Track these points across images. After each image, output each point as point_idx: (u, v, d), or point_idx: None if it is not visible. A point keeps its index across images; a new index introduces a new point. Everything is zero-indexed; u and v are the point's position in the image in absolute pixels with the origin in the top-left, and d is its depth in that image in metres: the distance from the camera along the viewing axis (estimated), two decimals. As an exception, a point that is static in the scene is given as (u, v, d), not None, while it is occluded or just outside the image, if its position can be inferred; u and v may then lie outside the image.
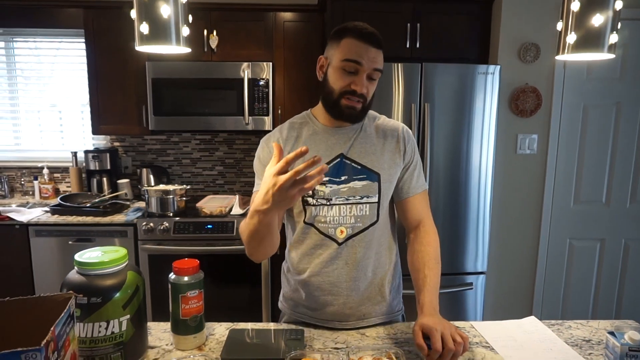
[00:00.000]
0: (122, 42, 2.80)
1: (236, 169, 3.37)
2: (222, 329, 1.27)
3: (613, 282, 2.99)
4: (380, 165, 1.29)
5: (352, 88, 1.21)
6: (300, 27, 2.88)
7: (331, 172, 1.27)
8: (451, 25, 2.72)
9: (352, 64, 1.19)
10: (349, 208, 1.27)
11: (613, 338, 1.05)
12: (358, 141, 1.30)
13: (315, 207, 1.26)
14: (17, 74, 3.27)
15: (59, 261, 2.67)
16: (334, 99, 1.24)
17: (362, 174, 1.28)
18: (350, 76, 1.21)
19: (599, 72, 2.76)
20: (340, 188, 1.27)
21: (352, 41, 1.20)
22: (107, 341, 1.02)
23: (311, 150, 1.25)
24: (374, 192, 1.28)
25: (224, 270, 2.69)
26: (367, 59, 1.19)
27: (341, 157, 1.28)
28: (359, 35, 1.20)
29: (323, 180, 1.25)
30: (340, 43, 1.21)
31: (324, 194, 1.26)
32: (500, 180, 2.80)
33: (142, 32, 1.12)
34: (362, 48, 1.19)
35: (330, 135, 1.30)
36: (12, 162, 3.29)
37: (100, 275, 1.03)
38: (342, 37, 1.22)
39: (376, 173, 1.28)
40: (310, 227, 1.29)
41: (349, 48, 1.20)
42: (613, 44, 1.10)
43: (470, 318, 2.70)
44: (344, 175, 1.27)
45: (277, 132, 1.33)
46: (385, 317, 1.36)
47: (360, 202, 1.27)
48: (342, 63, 1.20)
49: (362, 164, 1.28)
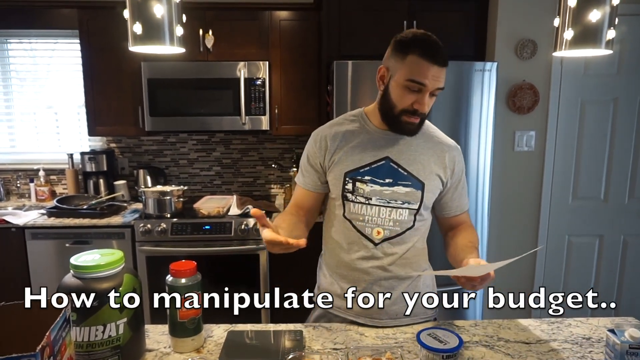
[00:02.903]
0: (117, 42, 2.78)
1: (233, 169, 3.36)
2: (220, 331, 1.26)
3: (612, 278, 3.00)
4: (425, 175, 1.30)
5: (414, 108, 1.21)
6: (297, 25, 2.87)
7: (374, 172, 1.28)
8: (447, 22, 2.72)
9: (416, 84, 1.18)
10: (389, 211, 1.28)
11: (613, 336, 1.04)
12: (406, 147, 1.31)
13: (354, 203, 1.29)
14: (12, 76, 3.25)
15: (56, 264, 2.66)
16: (394, 114, 1.24)
17: (407, 180, 1.29)
18: (413, 94, 1.20)
19: (596, 68, 2.76)
20: (383, 190, 1.28)
21: (419, 60, 1.17)
22: (104, 345, 1.01)
23: (359, 148, 1.30)
24: (416, 200, 1.29)
25: (222, 271, 2.68)
26: (431, 78, 1.17)
27: (387, 160, 1.29)
28: (426, 53, 1.16)
29: (365, 178, 1.28)
30: (406, 60, 1.18)
31: (363, 192, 1.28)
32: (499, 178, 2.80)
33: (136, 32, 1.11)
34: (428, 68, 1.16)
35: (381, 137, 1.31)
36: (8, 164, 3.27)
37: (97, 279, 1.02)
38: (407, 52, 1.18)
39: (421, 182, 1.30)
40: (347, 222, 1.31)
41: (415, 68, 1.17)
42: (611, 40, 1.10)
43: (470, 317, 2.70)
44: (388, 178, 1.28)
45: (327, 128, 1.36)
46: (417, 317, 1.35)
47: (401, 206, 1.29)
48: (407, 82, 1.19)
49: (409, 171, 1.29)
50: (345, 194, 1.30)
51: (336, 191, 1.31)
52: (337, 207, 1.33)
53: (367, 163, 1.29)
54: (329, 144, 1.32)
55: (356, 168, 1.29)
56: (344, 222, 1.32)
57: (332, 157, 1.31)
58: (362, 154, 1.29)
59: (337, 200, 1.31)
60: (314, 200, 1.37)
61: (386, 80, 1.25)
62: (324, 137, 1.33)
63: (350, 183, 1.28)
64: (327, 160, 1.32)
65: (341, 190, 1.30)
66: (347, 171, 1.29)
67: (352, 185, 1.28)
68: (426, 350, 1.03)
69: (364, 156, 1.29)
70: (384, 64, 1.26)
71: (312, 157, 1.34)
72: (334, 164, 1.31)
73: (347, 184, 1.29)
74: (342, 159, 1.30)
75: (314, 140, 1.36)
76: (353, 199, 1.29)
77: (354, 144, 1.30)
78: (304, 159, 1.38)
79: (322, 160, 1.32)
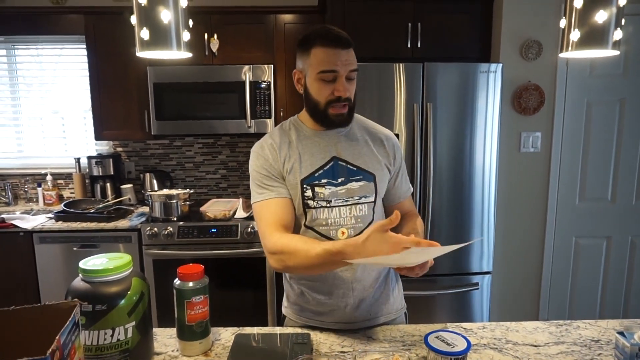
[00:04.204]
0: (123, 47, 2.80)
1: (239, 172, 3.37)
2: (228, 334, 1.26)
3: (620, 280, 2.97)
4: (373, 166, 1.31)
5: (335, 95, 1.22)
6: (301, 28, 2.88)
7: (328, 174, 1.28)
8: (452, 24, 2.72)
9: (328, 74, 1.20)
10: (348, 209, 1.28)
11: (622, 338, 1.04)
12: (348, 143, 1.31)
13: (316, 209, 1.27)
14: (20, 81, 3.28)
15: (64, 268, 2.67)
16: (321, 110, 1.25)
17: (358, 175, 1.29)
18: (330, 85, 1.21)
19: (602, 69, 2.75)
20: (338, 190, 1.27)
21: (323, 50, 1.19)
22: (113, 348, 1.02)
23: (306, 154, 1.28)
24: (371, 192, 1.30)
25: (229, 274, 2.68)
26: (340, 63, 1.19)
27: (334, 160, 1.29)
28: (326, 41, 1.19)
29: (322, 182, 1.27)
30: (310, 54, 1.22)
31: (324, 195, 1.27)
32: (504, 179, 2.79)
33: (143, 38, 1.11)
34: (333, 54, 1.19)
35: (321, 138, 1.31)
36: (16, 169, 3.29)
37: (105, 283, 1.02)
38: (309, 47, 1.22)
39: (371, 173, 1.31)
40: (309, 231, 1.28)
41: (321, 58, 1.20)
42: (617, 41, 1.09)
43: (477, 319, 2.69)
44: (340, 177, 1.28)
45: (269, 139, 1.32)
46: (391, 315, 1.37)
47: (358, 202, 1.28)
48: (319, 75, 1.21)
49: (357, 165, 1.30)
50: (306, 201, 1.26)
51: (295, 201, 1.27)
52: (299, 218, 1.28)
53: (320, 166, 1.27)
54: (277, 152, 1.28)
55: (310, 174, 1.26)
56: (306, 231, 1.28)
57: (284, 165, 1.27)
58: (311, 159, 1.27)
59: (297, 210, 1.27)
60: (292, 210, 1.27)
61: (303, 82, 1.27)
62: (271, 147, 1.28)
63: (309, 190, 1.26)
64: (282, 169, 1.27)
65: (301, 199, 1.26)
66: (303, 178, 1.26)
67: (312, 192, 1.25)
68: (434, 353, 1.03)
69: (314, 160, 1.27)
70: (297, 68, 1.29)
71: (270, 169, 1.26)
72: (287, 173, 1.27)
73: (305, 192, 1.26)
74: (294, 168, 1.26)
75: (262, 152, 1.28)
76: (315, 205, 1.26)
77: (300, 150, 1.28)
78: (258, 176, 1.27)
79: (280, 168, 1.27)
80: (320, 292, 1.31)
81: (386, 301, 1.36)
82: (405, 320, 1.44)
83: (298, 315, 1.37)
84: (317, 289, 1.31)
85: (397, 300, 1.41)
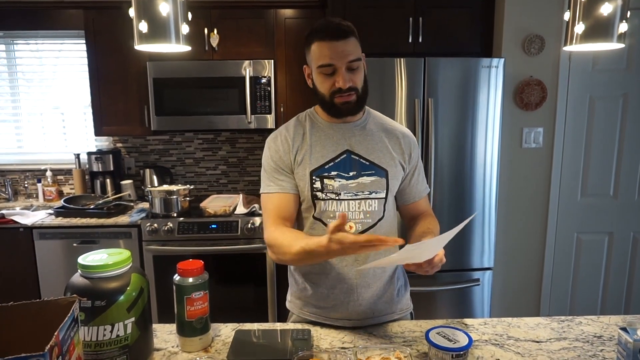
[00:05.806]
0: (122, 42, 2.79)
1: (239, 168, 3.36)
2: (228, 330, 1.25)
3: (622, 275, 2.96)
4: (387, 162, 1.31)
5: (337, 87, 1.22)
6: (302, 23, 2.86)
7: (339, 166, 1.27)
8: (453, 18, 2.69)
9: (326, 67, 1.21)
10: (357, 203, 1.27)
11: (625, 334, 1.03)
12: (362, 137, 1.31)
13: (325, 201, 1.27)
14: (19, 77, 3.27)
15: (64, 263, 2.67)
16: (328, 101, 1.26)
17: (370, 169, 1.29)
18: (331, 78, 1.23)
19: (605, 63, 2.73)
20: (349, 183, 1.27)
21: (319, 44, 1.21)
22: (112, 344, 1.01)
23: (318, 146, 1.29)
24: (382, 188, 1.29)
25: (229, 270, 2.68)
26: (337, 56, 1.20)
27: (347, 153, 1.29)
28: (323, 35, 1.21)
29: (331, 174, 1.27)
30: (311, 49, 1.24)
31: (332, 188, 1.27)
32: (506, 175, 2.78)
33: (141, 31, 1.10)
34: (330, 47, 1.20)
35: (334, 131, 1.31)
36: (15, 165, 3.29)
37: (104, 278, 1.02)
38: (310, 42, 1.24)
39: (384, 169, 1.30)
40: (318, 223, 1.29)
41: (319, 53, 1.22)
42: (622, 33, 1.08)
43: (478, 314, 2.69)
44: (352, 171, 1.28)
45: (283, 130, 1.34)
46: (395, 314, 1.36)
47: (369, 197, 1.28)
48: (319, 69, 1.23)
49: (370, 160, 1.29)
50: (315, 193, 1.27)
51: (304, 192, 1.28)
52: (307, 210, 1.30)
53: (330, 158, 1.28)
54: (290, 144, 1.29)
55: (320, 165, 1.27)
56: (314, 223, 1.29)
57: (296, 157, 1.29)
58: (322, 151, 1.28)
59: (307, 202, 1.29)
60: (295, 204, 1.30)
61: (311, 77, 1.29)
62: (284, 139, 1.31)
63: (318, 181, 1.26)
64: (293, 162, 1.29)
65: (310, 190, 1.27)
66: (313, 170, 1.27)
67: (321, 183, 1.26)
68: (435, 349, 1.02)
69: (325, 152, 1.28)
70: (306, 64, 1.31)
71: (279, 161, 1.29)
72: (297, 165, 1.28)
73: (314, 183, 1.27)
74: (304, 159, 1.28)
75: (274, 144, 1.31)
76: (323, 197, 1.27)
77: (312, 142, 1.29)
78: (268, 167, 1.30)
79: (291, 160, 1.29)
80: (324, 286, 1.31)
81: (390, 300, 1.35)
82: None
83: (301, 310, 1.37)
84: (320, 283, 1.31)
85: (403, 300, 1.40)
